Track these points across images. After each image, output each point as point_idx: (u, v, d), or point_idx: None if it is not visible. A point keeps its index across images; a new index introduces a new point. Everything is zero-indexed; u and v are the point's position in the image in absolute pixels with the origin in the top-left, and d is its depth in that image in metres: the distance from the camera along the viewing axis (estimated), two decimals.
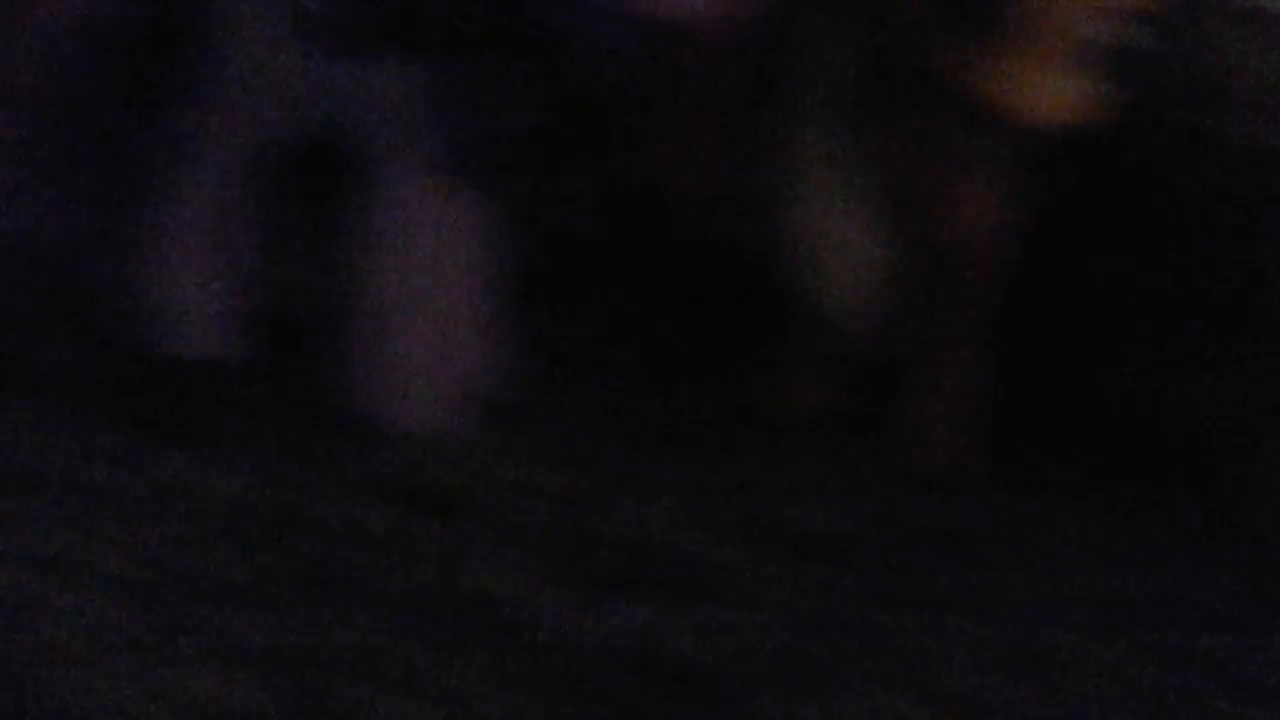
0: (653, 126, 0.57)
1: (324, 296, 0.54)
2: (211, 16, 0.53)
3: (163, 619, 0.44)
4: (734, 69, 0.54)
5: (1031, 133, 0.51)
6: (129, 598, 0.45)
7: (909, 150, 0.56)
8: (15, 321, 0.51)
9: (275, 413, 0.53)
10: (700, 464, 0.55)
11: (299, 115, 0.53)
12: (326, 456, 0.51)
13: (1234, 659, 0.52)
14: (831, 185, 0.57)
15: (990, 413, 0.59)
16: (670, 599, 0.47)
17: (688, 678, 0.46)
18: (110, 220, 0.52)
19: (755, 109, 0.55)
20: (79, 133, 0.51)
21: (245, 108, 0.53)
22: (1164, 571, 0.54)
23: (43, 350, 0.52)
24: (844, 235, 0.57)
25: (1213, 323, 0.61)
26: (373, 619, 0.46)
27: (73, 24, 0.51)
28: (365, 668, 0.45)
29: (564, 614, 0.47)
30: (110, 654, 0.43)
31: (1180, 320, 0.59)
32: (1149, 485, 0.59)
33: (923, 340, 0.59)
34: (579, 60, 0.49)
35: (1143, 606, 0.52)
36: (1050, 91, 0.51)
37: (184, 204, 0.54)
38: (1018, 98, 0.51)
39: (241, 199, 0.55)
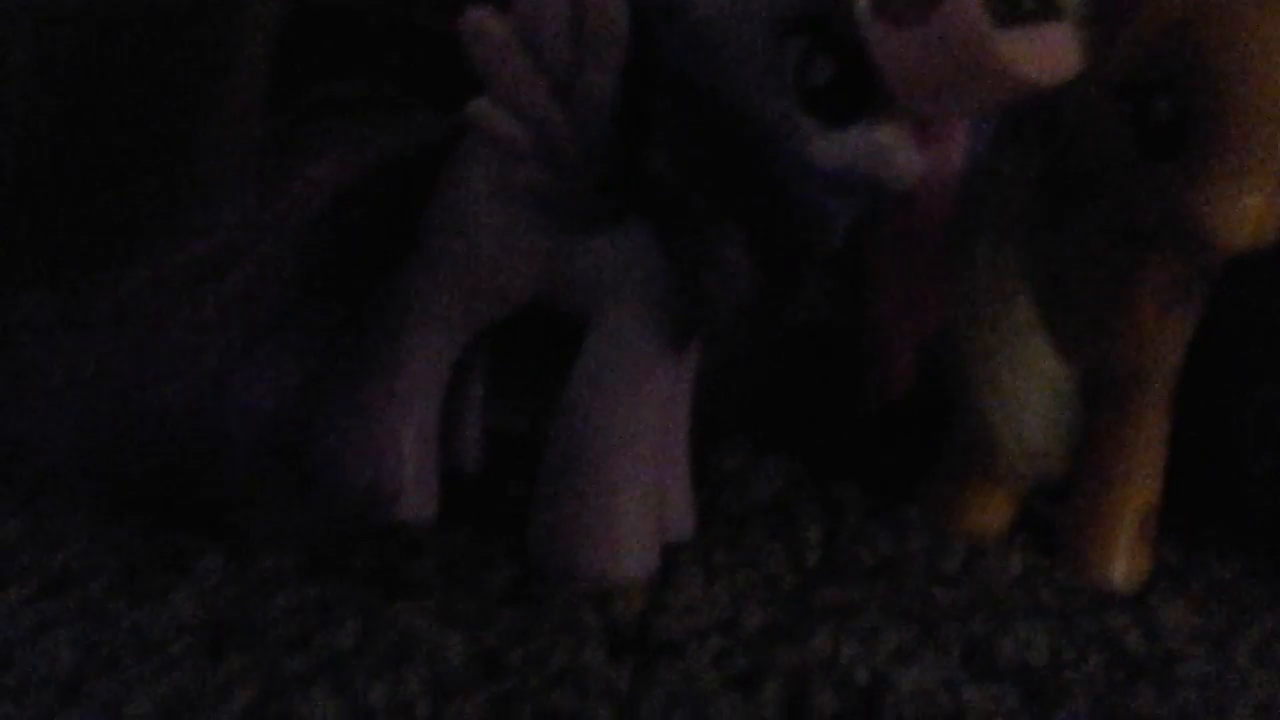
0: (867, 282, 0.57)
1: (535, 452, 0.54)
2: (439, 185, 0.54)
3: None
4: (941, 226, 0.54)
5: (1222, 251, 0.50)
6: None
7: (1091, 271, 0.55)
8: (254, 485, 0.52)
9: (491, 564, 0.54)
10: (901, 591, 0.54)
11: (527, 282, 0.53)
12: (542, 605, 0.52)
13: None
14: (1012, 310, 0.56)
15: (1160, 524, 0.58)
16: None
17: None
18: (341, 385, 0.53)
19: (953, 252, 0.55)
20: (311, 301, 0.52)
21: (472, 275, 0.53)
22: None
23: (282, 511, 0.53)
24: (1025, 358, 0.56)
25: None
26: None
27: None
28: None
29: None
30: None
31: None
32: None
33: (1100, 456, 0.58)
34: (801, 224, 0.49)
35: None
36: (1245, 210, 0.50)
37: (407, 371, 0.54)
38: (1211, 218, 0.50)
39: (465, 364, 0.56)
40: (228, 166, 0.58)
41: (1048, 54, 0.45)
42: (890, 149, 0.46)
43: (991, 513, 0.60)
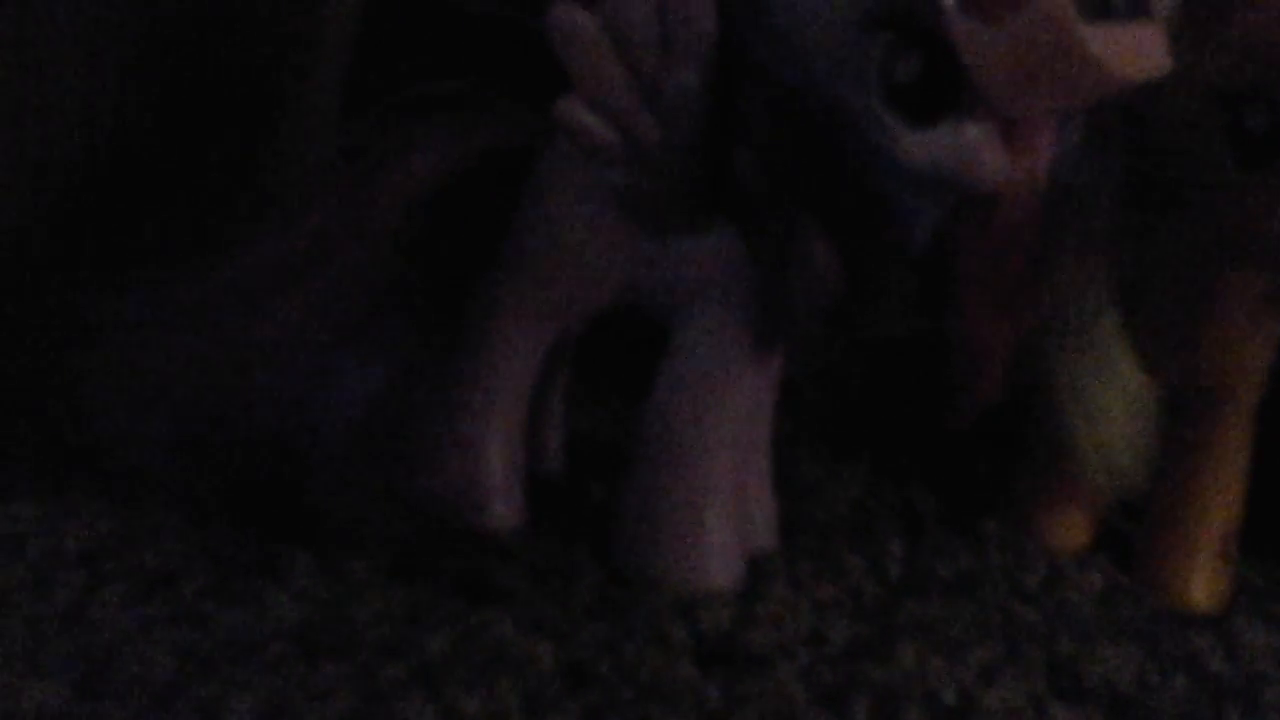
0: (955, 287, 0.57)
1: (619, 459, 0.54)
2: (527, 192, 0.53)
3: None
4: (1037, 231, 0.53)
5: None
6: None
7: (1176, 285, 0.55)
8: (344, 486, 0.52)
9: (576, 572, 0.53)
10: (983, 608, 0.54)
11: (612, 283, 0.52)
12: (629, 615, 0.51)
13: None
14: (1095, 323, 0.56)
15: (1242, 543, 0.58)
16: None
17: None
18: (430, 388, 0.53)
19: (1043, 259, 0.55)
20: (402, 300, 0.52)
21: (558, 277, 0.53)
22: None
23: (371, 514, 0.53)
24: (1109, 372, 0.56)
25: None
26: None
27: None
28: None
29: None
30: None
31: None
32: None
33: (1182, 472, 0.58)
34: (887, 224, 0.49)
35: None
36: None
37: (493, 375, 0.54)
38: None
39: (549, 368, 0.56)
40: (313, 161, 0.59)
41: (1137, 52, 0.45)
42: (977, 147, 0.46)
43: (1071, 528, 0.60)
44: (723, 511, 0.53)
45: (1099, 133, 0.58)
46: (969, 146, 0.46)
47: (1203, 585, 0.57)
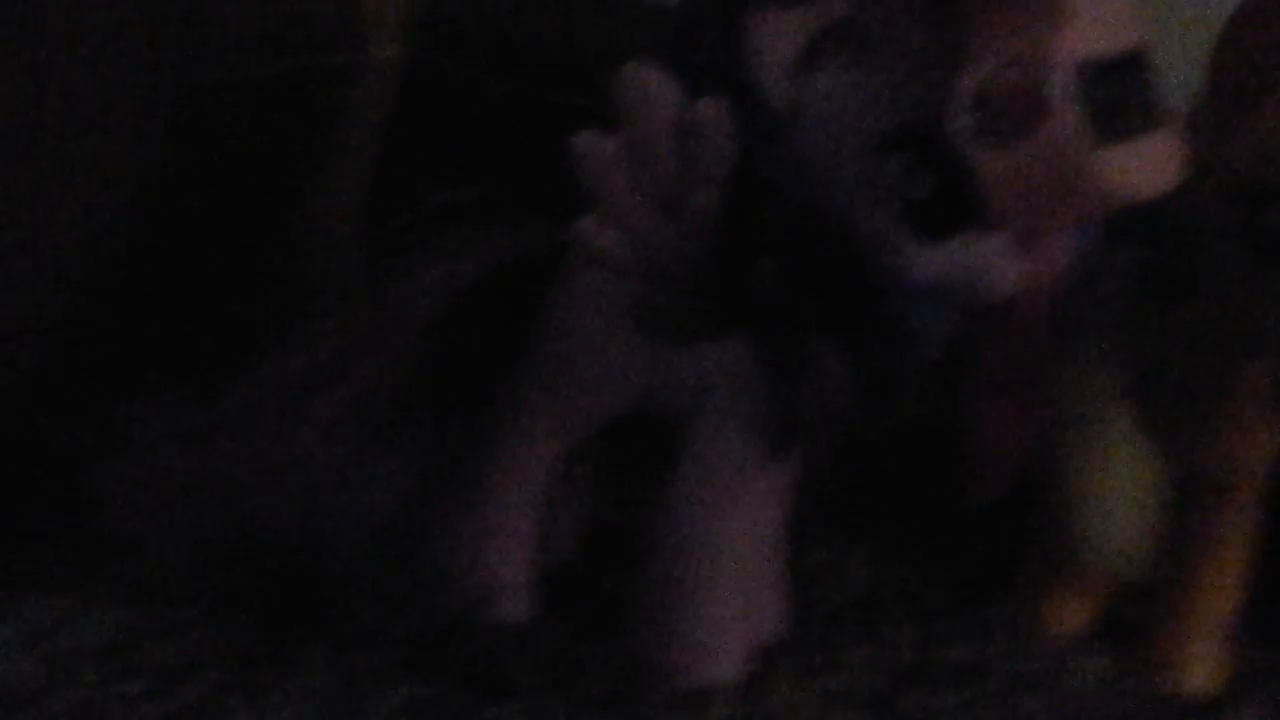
0: (971, 388, 0.57)
1: (629, 557, 0.55)
2: (548, 301, 0.55)
3: None
4: (1044, 330, 0.54)
5: None
6: None
7: (1187, 372, 0.55)
8: (361, 586, 0.54)
9: (587, 666, 0.55)
10: (987, 695, 0.55)
11: (629, 391, 0.54)
12: (638, 708, 0.53)
13: None
14: (1113, 415, 0.56)
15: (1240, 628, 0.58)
16: None
17: None
18: (447, 490, 0.55)
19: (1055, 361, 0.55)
20: (422, 408, 0.53)
21: (576, 385, 0.55)
22: None
23: (386, 611, 0.55)
24: (1115, 458, 0.57)
25: None
26: None
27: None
28: None
29: None
30: None
31: None
32: None
33: (1188, 559, 0.58)
34: (901, 336, 0.49)
35: None
36: None
37: (507, 477, 0.56)
38: None
39: (569, 462, 0.57)
40: (335, 269, 0.60)
41: (1149, 167, 0.45)
42: (988, 262, 0.47)
43: (1075, 612, 0.60)
44: (733, 608, 0.54)
45: (1117, 225, 0.59)
46: (979, 262, 0.47)
47: (1202, 671, 0.57)
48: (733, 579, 0.54)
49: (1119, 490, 0.55)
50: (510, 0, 0.71)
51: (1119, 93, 0.44)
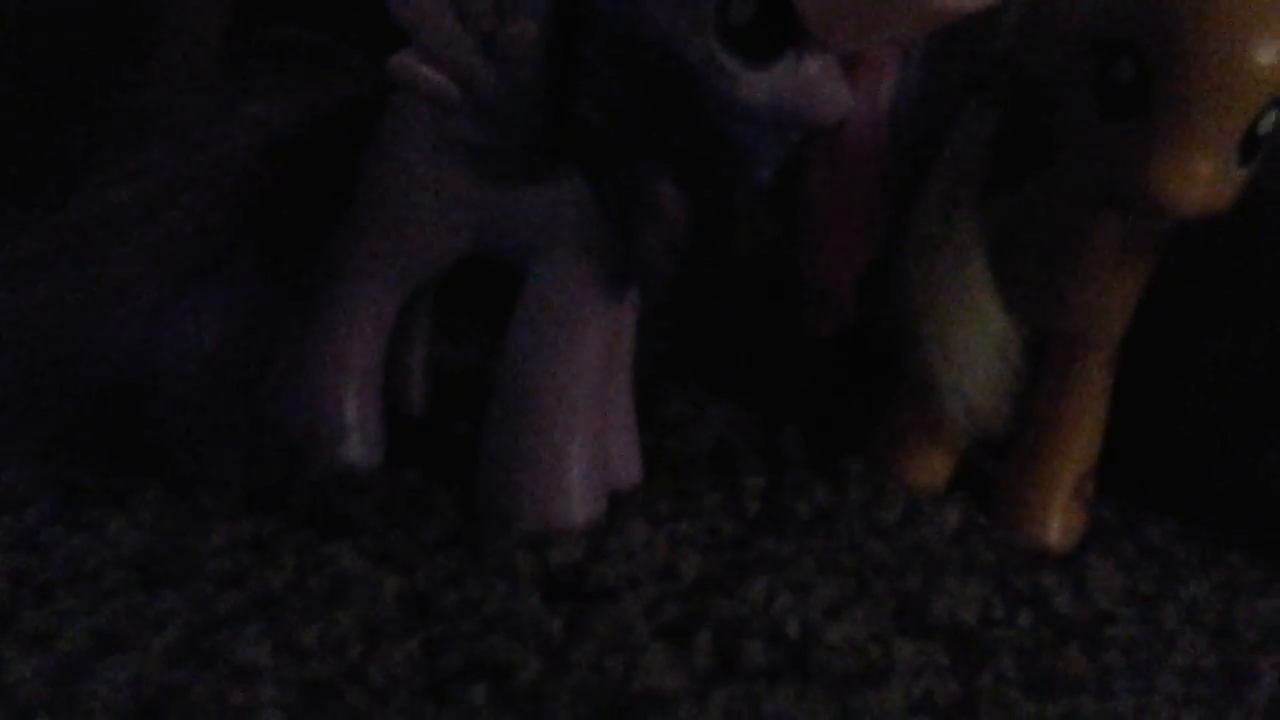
0: (801, 221, 0.57)
1: (475, 400, 0.54)
2: (374, 144, 0.53)
3: (345, 716, 0.45)
4: (882, 160, 0.53)
5: (1172, 216, 0.50)
6: (313, 694, 0.45)
7: (1043, 230, 0.55)
8: (194, 423, 0.52)
9: (432, 510, 0.53)
10: (837, 545, 0.54)
11: (463, 234, 0.53)
12: (479, 549, 0.51)
13: None
14: (962, 266, 0.56)
15: (1097, 483, 0.58)
16: (812, 687, 0.47)
17: None
18: (285, 331, 0.53)
19: (897, 197, 0.55)
20: (248, 245, 0.52)
21: (409, 229, 0.53)
22: None
23: (223, 450, 0.53)
24: (973, 314, 0.56)
25: None
26: (545, 713, 0.46)
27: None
28: None
29: (712, 705, 0.46)
30: None
31: None
32: (1262, 549, 0.59)
33: (1043, 416, 0.58)
34: (732, 164, 0.49)
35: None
36: (1196, 175, 0.50)
37: (347, 320, 0.54)
38: (1163, 182, 0.49)
39: (401, 313, 0.56)
40: (170, 105, 0.58)
41: None
42: (817, 84, 0.47)
43: (931, 467, 0.60)
44: (580, 450, 0.53)
45: (974, 84, 0.58)
46: (808, 83, 0.47)
47: (1057, 525, 0.57)
48: (576, 422, 0.53)
49: (976, 344, 0.55)
50: None
51: None
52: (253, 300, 0.53)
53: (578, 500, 0.53)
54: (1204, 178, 0.49)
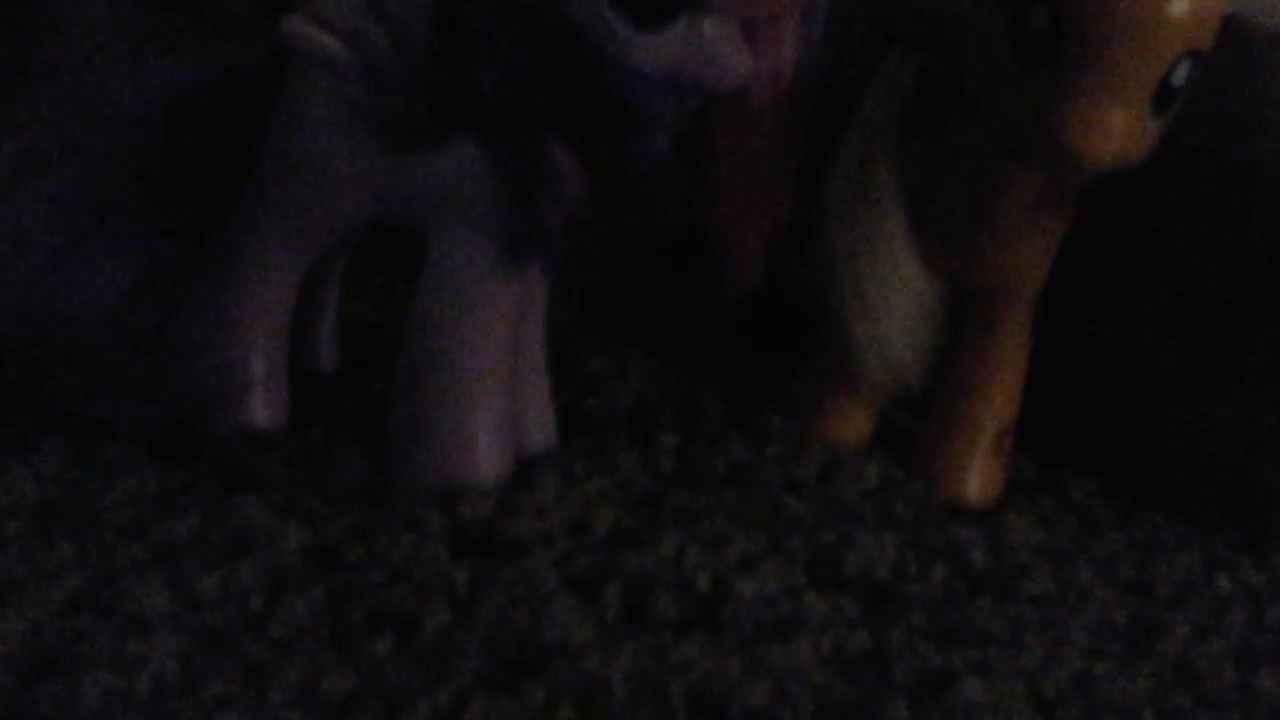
0: (708, 183, 0.56)
1: (385, 363, 0.54)
2: (271, 107, 0.52)
3: (243, 665, 0.45)
4: (790, 118, 0.53)
5: (1086, 167, 0.50)
6: (211, 644, 0.45)
7: (960, 183, 0.54)
8: (99, 375, 0.52)
9: (340, 463, 0.53)
10: (752, 500, 0.54)
11: (364, 201, 0.52)
12: (387, 504, 0.51)
13: None
14: (879, 220, 0.55)
15: (1017, 439, 0.58)
16: (721, 639, 0.47)
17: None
18: (191, 287, 0.53)
19: (811, 153, 0.54)
20: (148, 200, 0.51)
21: (309, 195, 0.53)
22: (1206, 599, 0.54)
23: (128, 403, 0.52)
24: (890, 268, 0.56)
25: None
26: (450, 665, 0.45)
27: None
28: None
29: (620, 657, 0.46)
30: (192, 705, 0.43)
31: (1224, 349, 0.58)
32: (1180, 506, 0.59)
33: (961, 371, 0.58)
34: (630, 128, 0.48)
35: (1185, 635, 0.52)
36: (1109, 126, 0.49)
37: (254, 280, 0.54)
38: (1076, 132, 0.49)
39: (311, 274, 0.56)
40: (69, 59, 0.57)
41: None
42: (714, 48, 0.46)
43: (850, 423, 0.60)
44: (488, 411, 0.53)
45: (892, 35, 0.58)
46: (704, 48, 0.46)
47: (976, 480, 0.57)
48: (481, 387, 0.52)
49: (893, 298, 0.55)
50: None
51: None
52: (153, 255, 0.52)
53: (484, 459, 0.53)
54: (1117, 128, 0.49)
